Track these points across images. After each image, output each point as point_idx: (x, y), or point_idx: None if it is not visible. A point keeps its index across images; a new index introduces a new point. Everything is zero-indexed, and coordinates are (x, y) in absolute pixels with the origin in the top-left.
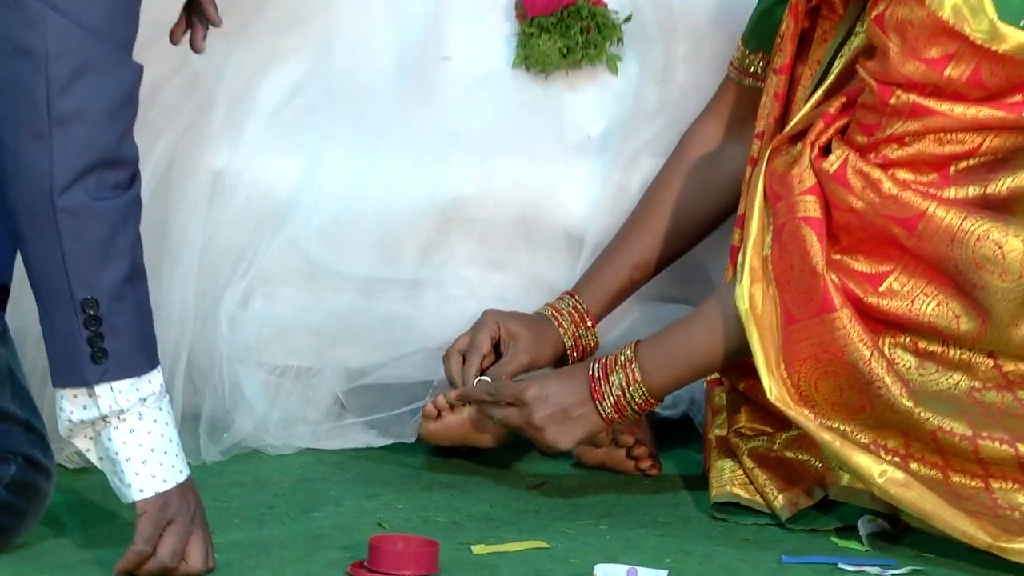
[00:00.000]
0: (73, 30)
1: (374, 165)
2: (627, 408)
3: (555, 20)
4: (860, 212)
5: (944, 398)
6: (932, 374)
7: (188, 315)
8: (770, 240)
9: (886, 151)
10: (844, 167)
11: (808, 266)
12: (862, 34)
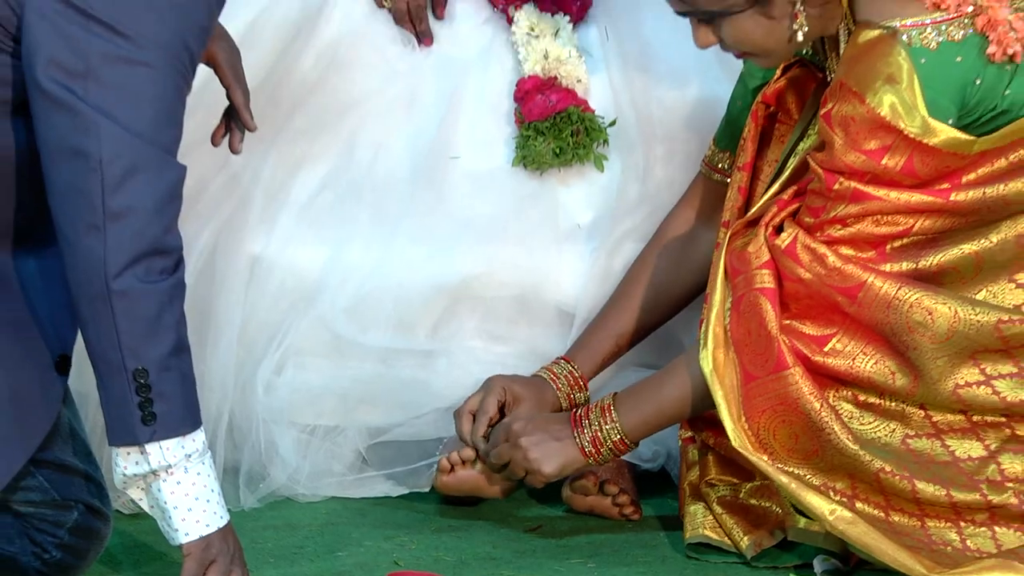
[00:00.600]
0: (124, 135)
1: (392, 251)
2: (603, 445)
3: (549, 124)
4: (808, 283)
5: (881, 445)
6: (871, 423)
7: (229, 382)
8: (730, 310)
9: (830, 230)
10: (794, 243)
11: (764, 330)
12: (814, 136)
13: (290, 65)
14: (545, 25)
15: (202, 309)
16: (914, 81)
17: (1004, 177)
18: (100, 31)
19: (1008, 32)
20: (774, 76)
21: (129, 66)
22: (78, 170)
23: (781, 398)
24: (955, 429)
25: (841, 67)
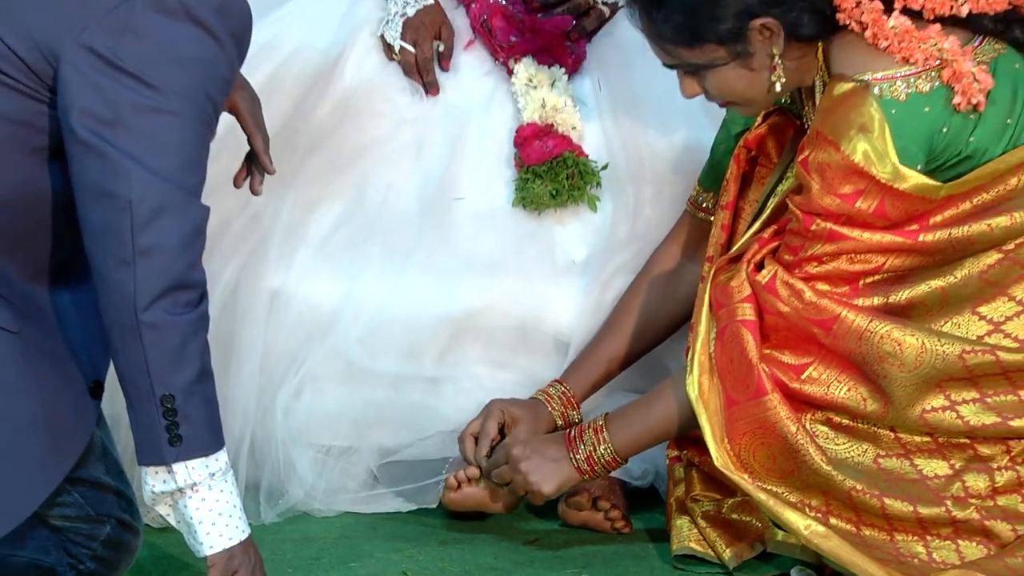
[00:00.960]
0: (152, 179)
1: (401, 285)
2: (597, 463)
3: (546, 168)
4: (786, 315)
5: (854, 464)
6: (845, 444)
7: (251, 406)
8: (714, 340)
9: (808, 267)
10: (774, 280)
11: (745, 359)
12: (791, 178)
13: (307, 113)
14: (542, 76)
15: (226, 339)
16: (885, 130)
17: (968, 219)
18: (130, 83)
19: (972, 83)
20: (755, 123)
21: (157, 115)
22: (109, 211)
23: (760, 422)
24: (923, 450)
25: (817, 116)
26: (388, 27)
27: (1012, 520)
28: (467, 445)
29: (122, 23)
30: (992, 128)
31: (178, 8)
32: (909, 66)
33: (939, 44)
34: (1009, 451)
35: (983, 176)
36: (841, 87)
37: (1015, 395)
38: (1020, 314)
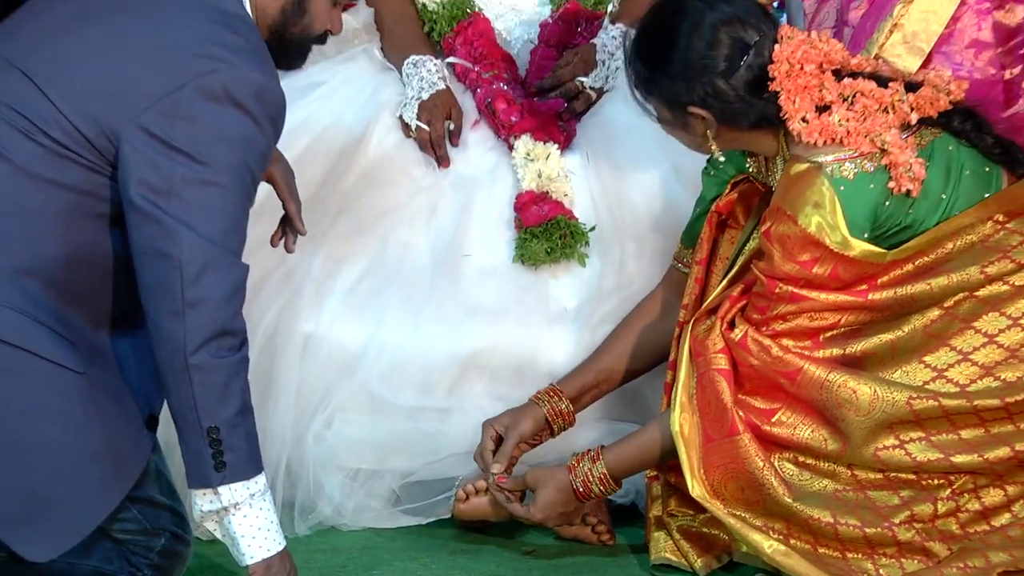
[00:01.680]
0: (199, 241)
1: (417, 329)
2: (593, 487)
3: (542, 229)
4: (757, 368)
5: (816, 495)
6: (808, 479)
7: (287, 434)
8: (694, 384)
9: (774, 325)
10: (745, 337)
11: (720, 403)
12: (756, 240)
13: (336, 182)
14: (539, 151)
15: (265, 377)
16: (835, 205)
17: (911, 280)
18: (181, 159)
19: (906, 173)
20: (727, 190)
21: (204, 187)
22: (163, 269)
23: (733, 457)
24: (875, 484)
25: (777, 193)
26: (406, 109)
27: (947, 540)
28: (483, 460)
29: (174, 108)
30: (929, 202)
31: (223, 94)
32: (856, 150)
33: (882, 136)
34: (951, 484)
35: (922, 243)
36: (797, 167)
37: (956, 435)
38: (960, 362)
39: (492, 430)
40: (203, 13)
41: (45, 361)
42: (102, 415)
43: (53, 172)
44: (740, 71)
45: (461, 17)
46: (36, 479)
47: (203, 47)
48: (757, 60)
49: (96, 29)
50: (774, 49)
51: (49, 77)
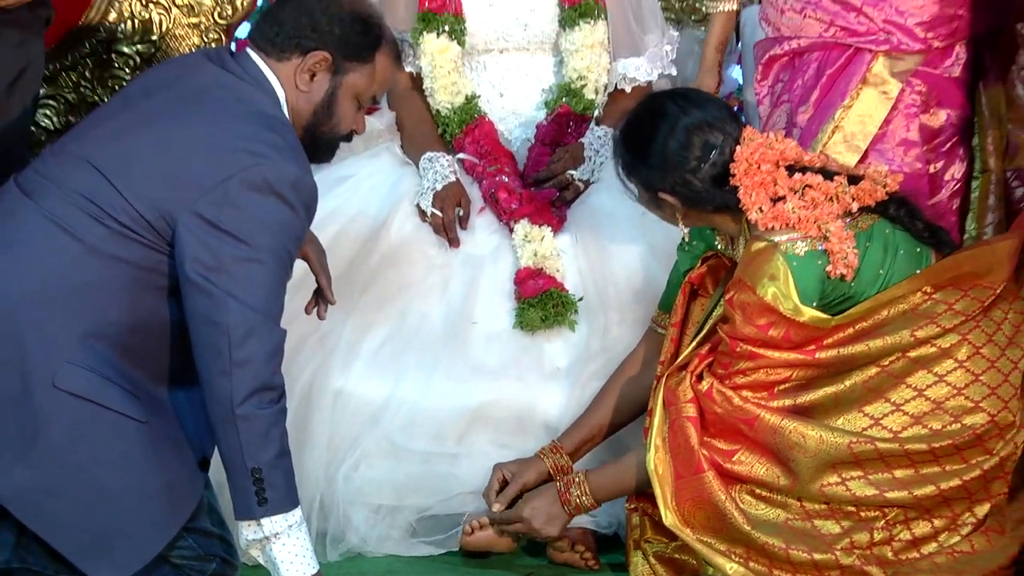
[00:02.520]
0: (244, 310)
1: (431, 387)
2: (580, 508)
3: (538, 300)
4: (720, 415)
5: (770, 524)
6: (763, 509)
7: (320, 475)
8: (667, 429)
9: (735, 379)
10: (711, 389)
11: (689, 445)
12: (722, 307)
13: (362, 261)
14: (535, 233)
15: (302, 426)
16: (789, 278)
17: (852, 341)
18: (229, 240)
19: (842, 260)
20: (698, 264)
21: (249, 263)
22: (213, 334)
23: (699, 491)
24: (820, 515)
25: (739, 267)
26: (422, 198)
27: (883, 565)
28: (491, 498)
29: (223, 197)
30: (868, 276)
31: (264, 185)
32: (805, 232)
33: (827, 225)
34: (885, 516)
35: (862, 310)
36: (757, 245)
37: (890, 474)
38: (894, 412)
39: (500, 473)
40: (247, 115)
41: (113, 412)
42: (161, 459)
43: (119, 250)
44: (706, 168)
45: (469, 120)
46: (105, 515)
47: (247, 144)
48: (721, 158)
49: (156, 130)
50: (736, 149)
51: (116, 170)
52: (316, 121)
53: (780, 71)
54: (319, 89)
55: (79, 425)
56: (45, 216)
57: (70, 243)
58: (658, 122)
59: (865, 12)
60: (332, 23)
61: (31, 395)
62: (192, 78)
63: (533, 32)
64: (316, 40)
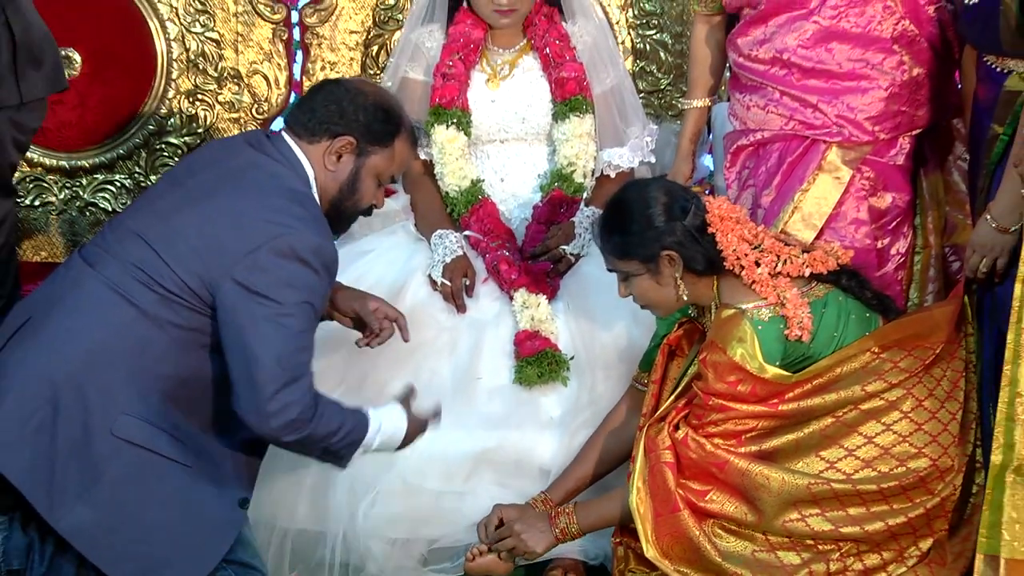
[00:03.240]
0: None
1: (440, 434)
2: (567, 534)
3: (534, 359)
4: (695, 460)
5: (738, 556)
6: (732, 542)
7: (344, 513)
8: (647, 472)
9: (708, 428)
10: (687, 438)
11: (666, 487)
12: (696, 366)
13: None
14: (532, 301)
15: (328, 469)
16: (754, 340)
17: (810, 395)
18: (262, 300)
19: (797, 324)
20: (675, 328)
21: (279, 318)
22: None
23: (676, 527)
24: (783, 547)
25: (712, 330)
26: (433, 269)
27: None
28: (480, 531)
29: (253, 263)
30: (824, 339)
31: (289, 252)
32: (767, 300)
33: (785, 293)
34: (840, 548)
35: (819, 368)
36: (727, 312)
37: (844, 511)
38: (847, 457)
39: (499, 513)
40: (277, 191)
41: (162, 457)
42: (203, 498)
43: (168, 314)
44: (688, 219)
45: (474, 202)
46: (155, 548)
47: (275, 217)
48: (697, 213)
49: (197, 208)
50: (706, 205)
51: (163, 244)
52: (341, 197)
53: (746, 159)
54: (344, 169)
55: (133, 468)
56: (105, 284)
57: (126, 308)
58: (629, 204)
59: (820, 108)
60: (357, 111)
61: (92, 442)
62: (231, 160)
63: (530, 125)
64: (343, 126)
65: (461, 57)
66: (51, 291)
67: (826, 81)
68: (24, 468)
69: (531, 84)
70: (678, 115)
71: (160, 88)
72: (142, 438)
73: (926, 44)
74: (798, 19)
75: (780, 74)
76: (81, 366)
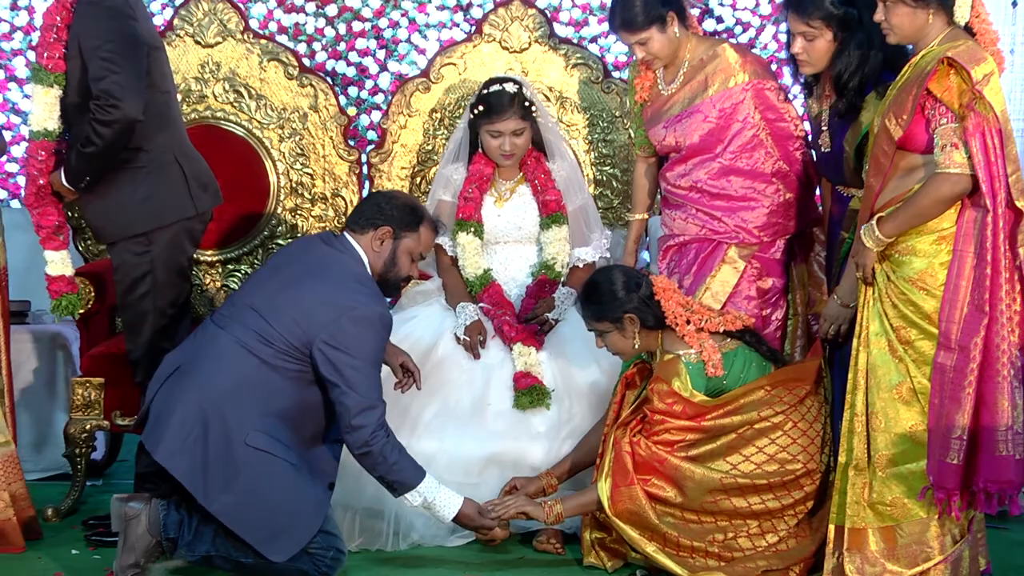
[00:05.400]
0: (358, 396)
1: (461, 443)
2: (554, 516)
3: (527, 391)
4: (647, 457)
5: (672, 523)
6: (666, 513)
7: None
8: (612, 461)
9: (653, 437)
10: (639, 441)
11: (625, 468)
12: (646, 392)
13: (420, 367)
14: (525, 350)
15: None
16: (686, 375)
17: (723, 416)
18: (342, 354)
19: (711, 364)
20: (631, 366)
21: (356, 367)
22: (341, 411)
23: (630, 496)
24: (701, 520)
25: (657, 369)
26: (457, 330)
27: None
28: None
29: (336, 329)
30: (733, 378)
31: (362, 320)
32: (695, 349)
33: (704, 343)
34: (744, 523)
35: (729, 397)
36: (668, 356)
37: (742, 497)
38: (744, 461)
39: (514, 481)
40: (348, 276)
41: (279, 459)
42: (304, 484)
43: (279, 362)
44: (642, 290)
45: (486, 284)
46: (275, 519)
47: (349, 296)
48: (646, 287)
49: (291, 291)
50: (652, 281)
51: (272, 315)
52: (385, 270)
53: (673, 254)
54: (386, 249)
55: (260, 467)
56: (234, 341)
57: (251, 358)
58: (603, 282)
59: (723, 220)
60: (392, 208)
61: (232, 450)
62: (313, 254)
63: (524, 232)
64: (383, 220)
65: (477, 186)
66: (193, 347)
67: (727, 202)
68: (187, 470)
69: (525, 204)
70: (625, 225)
71: (272, 206)
72: (266, 446)
73: (795, 178)
74: (707, 160)
75: (695, 197)
76: (221, 398)
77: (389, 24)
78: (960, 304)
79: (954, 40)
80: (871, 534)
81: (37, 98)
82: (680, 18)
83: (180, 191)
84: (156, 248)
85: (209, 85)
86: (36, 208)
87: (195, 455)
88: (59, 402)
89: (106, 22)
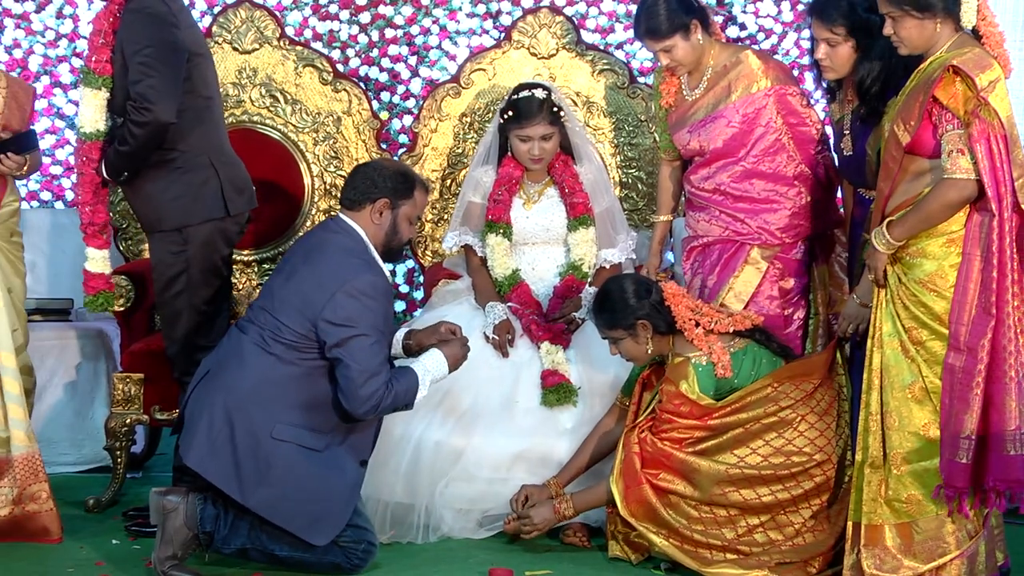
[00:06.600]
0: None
1: (490, 439)
2: (565, 515)
3: (554, 389)
4: (653, 453)
5: (682, 516)
6: (676, 506)
7: (425, 492)
8: (623, 461)
9: (663, 435)
10: (647, 438)
11: (635, 469)
12: (659, 392)
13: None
14: (553, 349)
15: (414, 461)
16: (694, 378)
17: (729, 415)
18: (344, 327)
19: (720, 365)
20: (646, 368)
21: (358, 338)
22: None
23: (640, 497)
24: (713, 512)
25: (668, 371)
26: (487, 328)
27: (752, 546)
28: (513, 505)
29: (333, 304)
30: (744, 375)
31: (355, 291)
32: (704, 352)
33: (713, 345)
34: (756, 516)
35: (735, 397)
36: (677, 359)
37: (751, 489)
38: (751, 454)
39: (525, 491)
40: (340, 252)
41: (305, 448)
42: (336, 469)
43: (294, 356)
44: (652, 297)
45: (515, 284)
46: (311, 506)
47: (339, 271)
48: (657, 293)
49: (292, 281)
50: (663, 288)
51: (279, 310)
52: (388, 240)
53: (696, 255)
54: (386, 221)
55: (290, 458)
56: (254, 343)
57: (267, 356)
58: (614, 291)
59: (746, 222)
60: (385, 180)
61: (260, 445)
62: (308, 243)
63: (552, 233)
64: (378, 193)
65: (506, 188)
66: (221, 352)
67: (749, 204)
68: (218, 471)
69: (553, 207)
70: (650, 226)
71: (307, 208)
72: (291, 437)
73: (816, 181)
74: (730, 164)
75: (719, 199)
76: (245, 397)
77: (421, 31)
78: (968, 306)
79: (961, 47)
80: (888, 530)
81: (86, 100)
82: (703, 25)
83: (212, 192)
84: (191, 247)
85: (246, 90)
86: (89, 205)
87: (225, 456)
88: (101, 397)
89: (147, 28)
